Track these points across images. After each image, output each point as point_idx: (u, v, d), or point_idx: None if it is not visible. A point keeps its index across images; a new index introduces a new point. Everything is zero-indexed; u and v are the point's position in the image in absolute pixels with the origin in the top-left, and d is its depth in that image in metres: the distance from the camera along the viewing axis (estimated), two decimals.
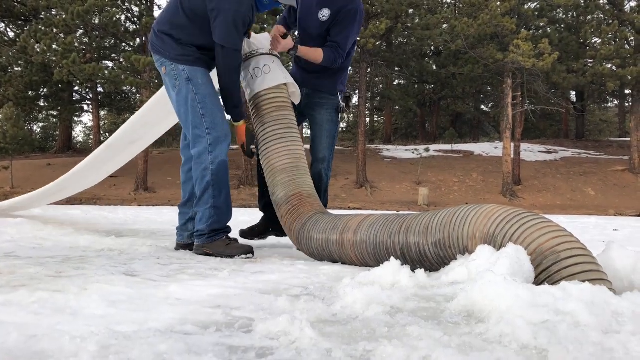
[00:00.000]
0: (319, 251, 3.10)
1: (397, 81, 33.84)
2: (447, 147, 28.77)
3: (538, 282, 1.88)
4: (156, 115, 4.63)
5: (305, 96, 3.85)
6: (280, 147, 3.43)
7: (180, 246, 3.70)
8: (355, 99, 26.02)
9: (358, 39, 21.45)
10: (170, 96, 3.48)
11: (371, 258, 2.71)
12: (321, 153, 3.91)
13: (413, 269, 2.17)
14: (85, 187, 6.22)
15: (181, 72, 3.32)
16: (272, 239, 4.24)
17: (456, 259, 2.22)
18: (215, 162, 3.27)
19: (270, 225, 4.03)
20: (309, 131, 4.49)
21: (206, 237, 3.31)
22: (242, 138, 3.56)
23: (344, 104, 3.92)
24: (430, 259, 2.37)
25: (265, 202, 3.95)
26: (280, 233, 4.00)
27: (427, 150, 25.43)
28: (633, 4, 24.56)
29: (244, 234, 4.06)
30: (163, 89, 4.46)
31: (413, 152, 26.18)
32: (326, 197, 4.00)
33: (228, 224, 3.42)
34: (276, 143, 3.44)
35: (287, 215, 3.34)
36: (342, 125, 41.14)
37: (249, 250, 3.25)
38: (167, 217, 8.19)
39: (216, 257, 3.22)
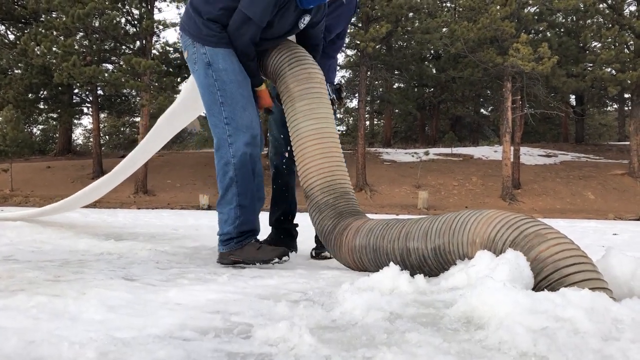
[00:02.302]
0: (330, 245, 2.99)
1: (396, 84, 33.87)
2: (447, 150, 28.79)
3: (538, 290, 1.88)
4: (173, 123, 4.51)
5: None
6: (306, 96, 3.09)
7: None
8: (354, 102, 26.04)
9: (358, 42, 21.55)
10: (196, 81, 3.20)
11: (371, 264, 2.70)
12: None
13: (412, 274, 2.17)
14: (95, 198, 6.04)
15: (202, 56, 3.02)
16: None
17: (455, 265, 2.22)
18: (237, 155, 2.94)
19: (279, 242, 3.85)
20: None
21: (235, 241, 2.97)
22: (266, 101, 3.27)
23: (334, 96, 3.64)
24: (429, 265, 2.37)
25: (276, 218, 3.86)
26: (289, 249, 3.94)
27: (426, 153, 25.49)
28: (632, 8, 24.60)
29: None
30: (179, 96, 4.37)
31: (413, 156, 26.23)
32: None
33: (256, 226, 3.09)
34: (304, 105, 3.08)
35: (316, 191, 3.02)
36: (342, 128, 41.16)
37: (284, 253, 2.95)
38: (167, 221, 8.19)
39: (247, 264, 2.94)
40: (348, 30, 3.93)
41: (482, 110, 38.67)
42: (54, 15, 21.22)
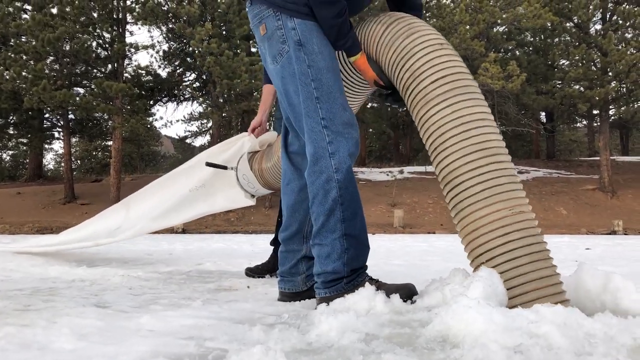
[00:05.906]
0: None
1: (370, 104, 34.12)
2: (421, 168, 28.94)
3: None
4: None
5: None
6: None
7: (290, 296, 2.59)
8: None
9: None
10: (268, 70, 2.44)
11: None
12: None
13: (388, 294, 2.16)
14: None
15: (290, 32, 2.26)
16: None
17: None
18: (342, 170, 2.23)
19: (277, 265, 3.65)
20: None
21: (345, 281, 2.24)
22: (368, 72, 2.38)
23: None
24: None
25: (275, 237, 3.65)
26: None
27: (401, 172, 25.61)
28: (598, 26, 25.21)
29: (251, 271, 3.70)
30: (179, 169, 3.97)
31: (387, 174, 26.35)
32: None
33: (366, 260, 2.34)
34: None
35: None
36: None
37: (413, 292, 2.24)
38: (141, 245, 8.08)
39: None
40: None
41: None
42: (23, 40, 21.00)
